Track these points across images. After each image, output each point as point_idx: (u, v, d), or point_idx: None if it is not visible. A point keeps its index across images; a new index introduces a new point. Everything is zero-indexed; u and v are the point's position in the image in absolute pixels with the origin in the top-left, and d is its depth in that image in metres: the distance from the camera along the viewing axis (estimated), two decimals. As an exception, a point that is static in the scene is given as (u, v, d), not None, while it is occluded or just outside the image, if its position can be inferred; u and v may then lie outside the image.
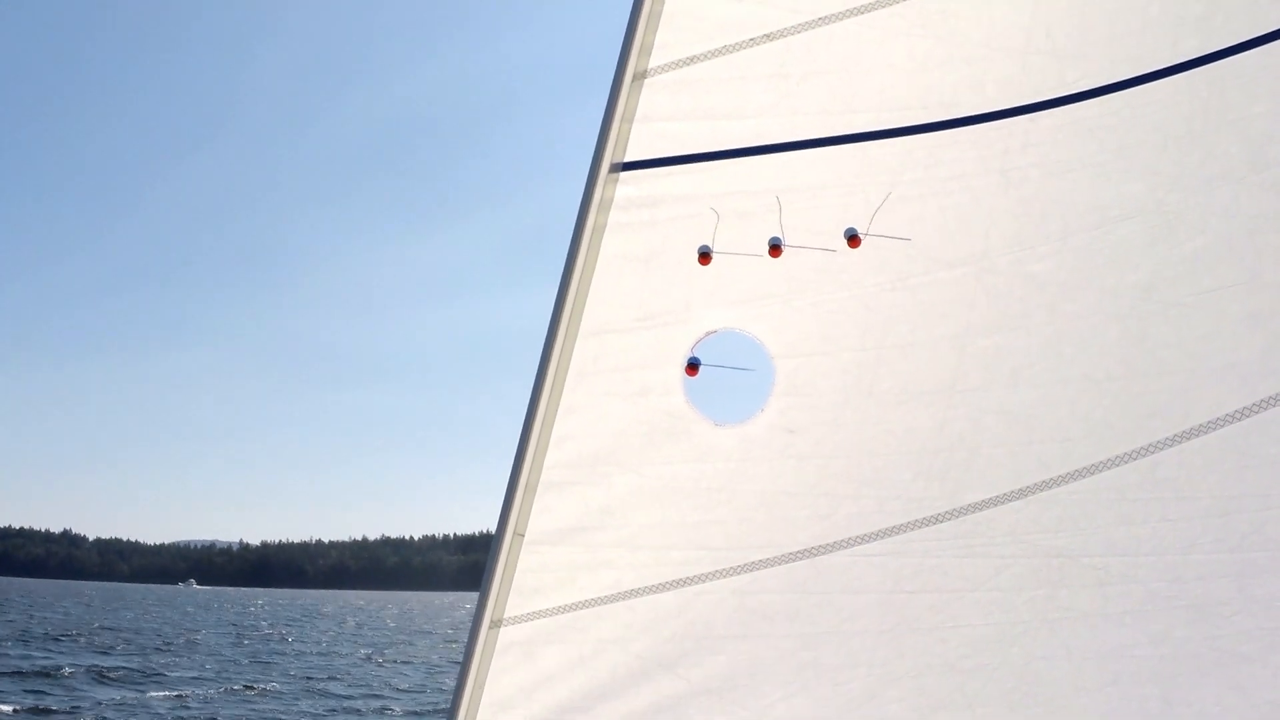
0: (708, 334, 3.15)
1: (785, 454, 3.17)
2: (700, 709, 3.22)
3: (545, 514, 3.19)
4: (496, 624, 3.23)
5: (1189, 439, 3.09)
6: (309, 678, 34.37)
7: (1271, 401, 3.05)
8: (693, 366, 3.15)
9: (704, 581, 3.20)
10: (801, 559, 3.18)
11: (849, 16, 3.07)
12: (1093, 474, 3.12)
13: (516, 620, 3.22)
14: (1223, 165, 3.06)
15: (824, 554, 3.18)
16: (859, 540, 3.17)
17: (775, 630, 3.20)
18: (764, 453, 3.17)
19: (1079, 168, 3.09)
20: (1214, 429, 3.08)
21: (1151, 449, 3.10)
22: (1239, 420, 3.07)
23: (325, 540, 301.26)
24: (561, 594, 3.21)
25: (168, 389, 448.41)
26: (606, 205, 3.12)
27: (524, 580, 3.21)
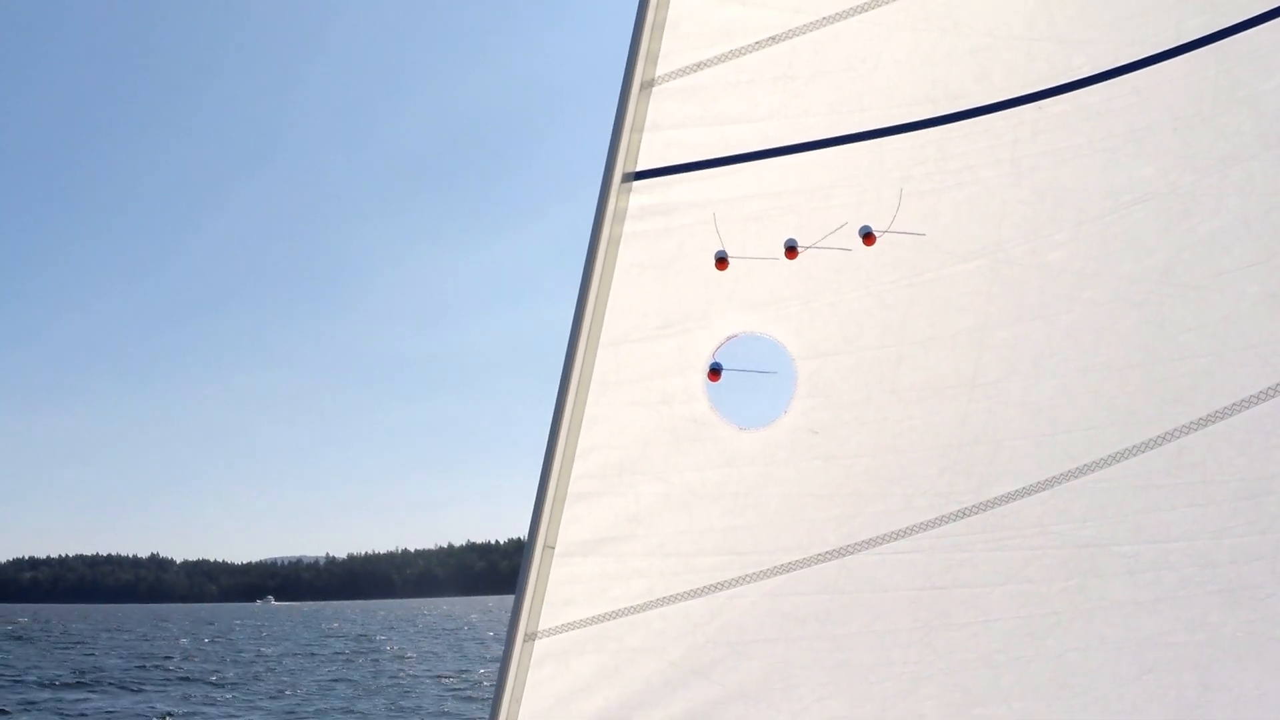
0: (728, 339, 3.15)
1: (810, 455, 3.17)
2: (736, 714, 3.22)
3: (574, 525, 3.20)
4: (531, 637, 3.23)
5: (1214, 422, 3.07)
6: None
7: (1296, 381, 3.04)
8: (714, 372, 3.15)
9: (734, 586, 3.20)
10: (831, 560, 3.18)
11: (853, 14, 3.07)
12: (1119, 462, 3.11)
13: (550, 632, 3.23)
14: (1235, 144, 3.05)
15: (853, 554, 3.17)
16: (887, 538, 3.16)
17: (807, 632, 3.20)
18: (789, 455, 3.17)
19: (1089, 154, 3.08)
20: (1239, 411, 3.06)
21: (1177, 434, 3.09)
22: (1264, 401, 3.05)
23: (412, 549, 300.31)
24: (594, 605, 3.22)
25: (245, 410, 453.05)
26: (621, 215, 3.13)
27: (556, 592, 3.22)
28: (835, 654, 3.20)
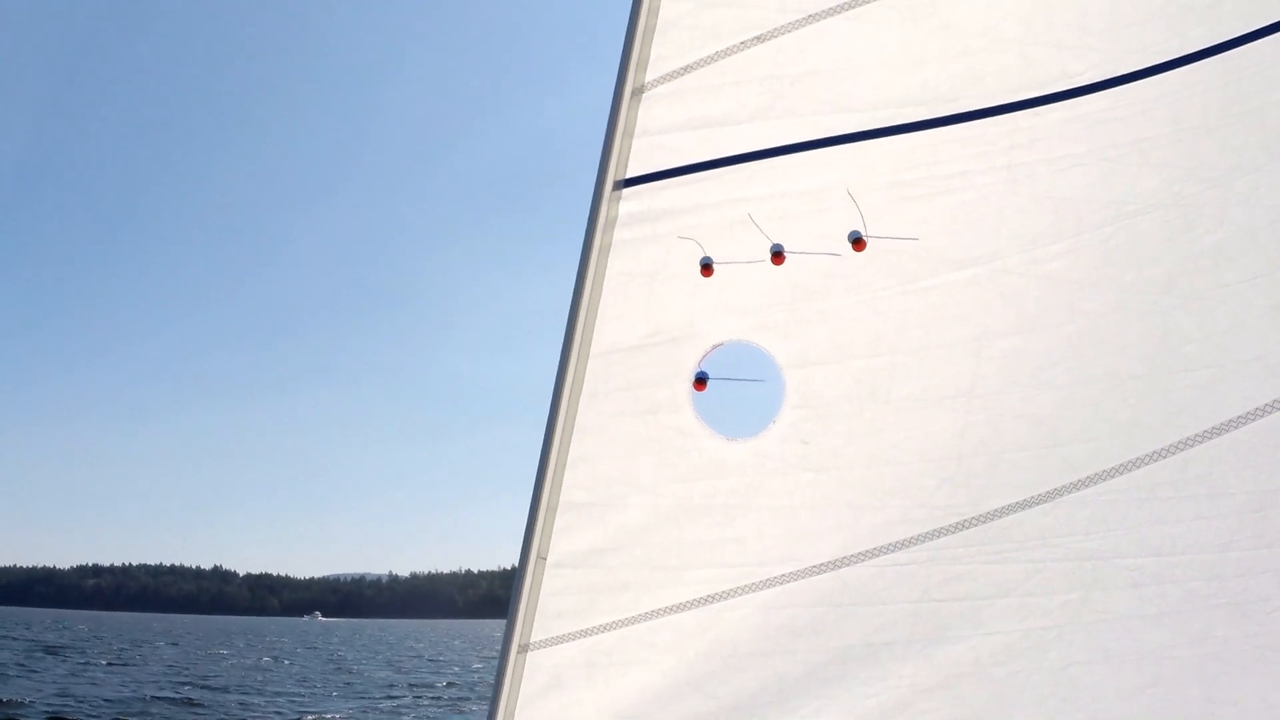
0: (714, 347, 3.12)
1: (801, 466, 3.13)
2: None
3: (566, 536, 3.17)
4: (524, 648, 3.21)
5: (1220, 434, 3.02)
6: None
7: (1302, 393, 2.98)
8: (700, 381, 3.12)
9: (725, 599, 3.15)
10: (825, 572, 3.13)
11: (838, 12, 3.04)
12: (1122, 474, 3.05)
13: (543, 644, 3.20)
14: (1240, 155, 3.01)
15: (848, 566, 3.13)
16: (884, 550, 3.12)
17: (802, 645, 3.15)
18: (779, 466, 3.13)
19: (1090, 162, 3.04)
20: (1245, 423, 3.01)
21: (1181, 446, 3.04)
22: (1270, 413, 3.00)
23: (475, 570, 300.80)
24: (585, 617, 3.18)
25: (316, 429, 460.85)
26: (612, 223, 3.11)
27: (549, 604, 3.19)
28: (831, 667, 3.15)
